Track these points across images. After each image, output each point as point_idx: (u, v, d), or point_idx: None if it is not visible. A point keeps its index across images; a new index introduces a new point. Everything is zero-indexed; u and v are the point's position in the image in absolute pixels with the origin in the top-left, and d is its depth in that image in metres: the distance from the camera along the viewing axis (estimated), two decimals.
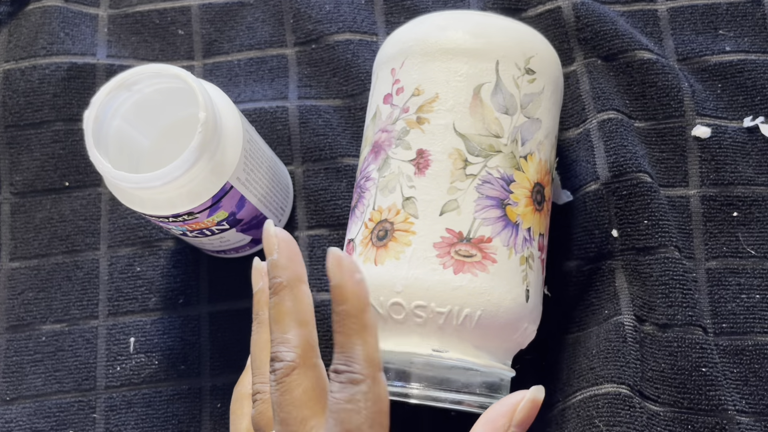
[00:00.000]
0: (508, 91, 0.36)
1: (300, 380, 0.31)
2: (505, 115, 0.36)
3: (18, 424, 0.43)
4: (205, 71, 0.50)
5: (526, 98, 0.37)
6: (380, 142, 0.37)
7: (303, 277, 0.34)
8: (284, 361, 0.32)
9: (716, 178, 0.44)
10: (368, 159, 0.38)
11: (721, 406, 0.39)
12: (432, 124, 0.36)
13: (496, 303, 0.34)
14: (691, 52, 0.47)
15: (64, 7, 0.50)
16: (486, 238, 0.34)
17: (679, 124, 0.45)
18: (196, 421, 0.43)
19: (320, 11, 0.50)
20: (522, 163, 0.36)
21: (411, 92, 0.37)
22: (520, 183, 0.36)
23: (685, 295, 0.41)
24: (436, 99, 0.36)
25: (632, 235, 0.42)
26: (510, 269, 0.35)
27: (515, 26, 0.38)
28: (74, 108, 0.48)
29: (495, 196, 0.35)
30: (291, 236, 0.34)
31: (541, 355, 0.42)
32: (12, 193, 0.47)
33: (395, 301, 0.34)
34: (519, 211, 0.35)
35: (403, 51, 0.38)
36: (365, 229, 0.36)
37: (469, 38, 0.36)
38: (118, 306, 0.45)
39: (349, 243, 0.37)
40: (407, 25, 0.39)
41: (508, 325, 0.35)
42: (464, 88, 0.36)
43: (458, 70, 0.36)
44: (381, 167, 0.36)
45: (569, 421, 0.39)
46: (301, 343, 0.32)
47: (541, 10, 0.49)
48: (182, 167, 0.35)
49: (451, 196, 0.35)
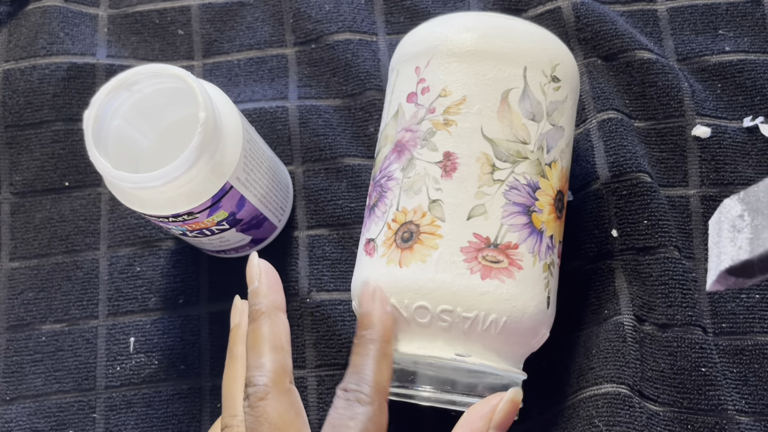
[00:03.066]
0: (535, 97, 0.36)
1: (274, 404, 0.32)
2: (531, 121, 0.36)
3: (18, 424, 0.43)
4: (205, 71, 0.50)
5: (552, 106, 0.36)
6: (404, 142, 0.37)
7: (281, 306, 0.35)
8: (257, 385, 0.32)
9: (716, 178, 0.44)
10: (390, 158, 0.37)
11: (721, 405, 0.39)
12: (459, 127, 0.35)
13: (521, 309, 0.34)
14: (690, 52, 0.47)
15: (64, 7, 0.50)
16: (513, 244, 0.34)
17: (679, 123, 0.45)
18: (196, 421, 0.43)
19: (320, 11, 0.50)
20: (547, 171, 0.36)
21: (437, 93, 0.36)
22: (544, 190, 0.36)
23: (685, 295, 0.41)
24: (464, 101, 0.35)
25: (632, 235, 0.42)
26: (534, 276, 0.35)
27: (542, 32, 0.38)
28: (74, 108, 0.48)
29: (522, 202, 0.35)
30: (273, 267, 0.36)
31: (541, 355, 0.42)
32: (12, 193, 0.47)
33: (421, 304, 0.34)
34: (543, 219, 0.35)
35: (428, 50, 0.37)
36: (388, 229, 0.36)
37: (498, 42, 0.36)
38: (118, 306, 0.45)
39: (368, 243, 0.37)
40: (431, 24, 0.39)
41: (530, 331, 0.35)
42: (492, 92, 0.35)
43: (486, 74, 0.36)
44: (405, 167, 0.36)
45: (569, 421, 0.39)
46: (275, 368, 0.33)
47: (541, 10, 0.49)
48: (182, 167, 0.35)
49: (478, 200, 0.34)
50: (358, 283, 0.37)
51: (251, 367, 0.33)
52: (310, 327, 0.44)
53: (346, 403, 0.32)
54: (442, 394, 0.34)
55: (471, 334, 0.34)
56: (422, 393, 0.34)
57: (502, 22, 0.37)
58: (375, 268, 0.36)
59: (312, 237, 0.45)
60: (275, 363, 0.33)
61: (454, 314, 0.34)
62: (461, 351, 0.34)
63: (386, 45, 0.49)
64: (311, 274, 0.45)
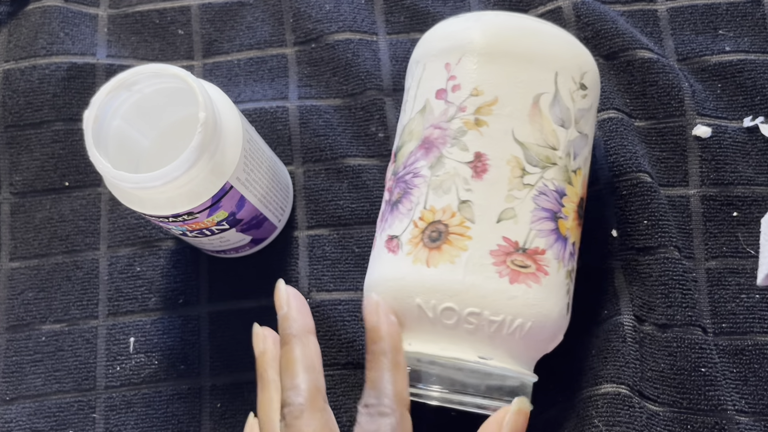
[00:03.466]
0: (564, 104, 0.36)
1: (309, 422, 0.33)
2: (561, 127, 0.35)
3: (18, 424, 0.43)
4: (205, 71, 0.50)
5: (579, 113, 0.36)
6: (433, 139, 0.36)
7: (311, 329, 0.37)
8: (293, 404, 0.33)
9: (716, 178, 0.44)
10: (416, 154, 0.36)
11: (721, 406, 0.39)
12: (491, 128, 0.35)
13: (546, 315, 0.34)
14: (691, 52, 0.47)
15: (64, 7, 0.50)
16: (540, 249, 0.34)
17: (679, 123, 0.45)
18: (195, 421, 0.43)
19: (320, 11, 0.50)
20: (573, 178, 0.36)
21: (469, 91, 0.36)
22: (570, 197, 0.36)
23: (685, 295, 0.41)
24: (496, 102, 0.35)
25: (632, 235, 0.42)
26: (558, 282, 0.35)
27: (572, 39, 0.37)
28: (74, 108, 0.48)
29: (549, 208, 0.35)
30: (299, 293, 0.38)
31: None
32: (12, 193, 0.47)
33: (448, 305, 0.34)
34: (569, 225, 0.35)
35: (459, 46, 0.36)
36: (414, 227, 0.35)
37: (531, 44, 0.36)
38: (118, 306, 0.45)
39: (391, 239, 0.36)
40: (459, 20, 0.38)
41: (551, 336, 0.36)
42: (524, 95, 0.35)
43: (519, 76, 0.35)
44: (433, 165, 0.35)
45: (569, 421, 0.39)
46: (309, 388, 0.34)
47: (542, 10, 0.49)
48: (182, 167, 0.35)
49: (508, 204, 0.34)
50: (386, 281, 0.36)
51: (286, 388, 0.34)
52: None
53: (369, 418, 0.33)
54: (452, 394, 0.34)
55: (496, 337, 0.34)
56: (431, 393, 0.34)
57: (534, 25, 0.37)
58: (400, 266, 0.35)
59: (312, 237, 0.45)
60: (309, 383, 0.34)
61: (481, 317, 0.33)
62: (485, 354, 0.34)
63: (386, 44, 0.49)
64: (311, 274, 0.45)
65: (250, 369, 0.43)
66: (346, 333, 0.43)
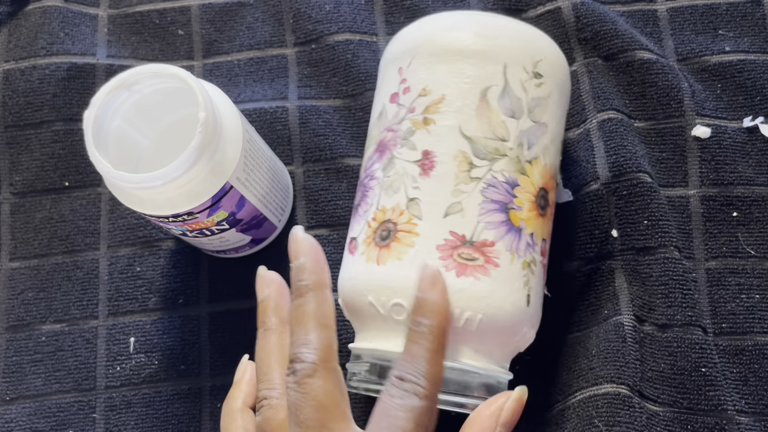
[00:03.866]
0: (515, 94, 0.36)
1: (322, 383, 0.31)
2: (511, 118, 0.35)
3: (18, 424, 0.43)
4: (205, 71, 0.50)
5: (533, 102, 0.36)
6: (386, 142, 0.37)
7: (328, 283, 0.34)
8: (305, 362, 0.31)
9: (716, 178, 0.44)
10: (373, 158, 0.37)
11: (721, 406, 0.39)
12: (438, 125, 0.35)
13: (497, 307, 0.34)
14: (690, 52, 0.47)
15: (64, 7, 0.50)
16: (489, 242, 0.34)
17: (679, 124, 0.45)
18: (195, 421, 0.43)
19: (320, 11, 0.50)
20: (527, 168, 0.36)
21: (418, 92, 0.36)
22: (524, 187, 0.36)
23: (685, 295, 0.41)
24: (443, 100, 0.35)
25: (632, 235, 0.42)
26: (512, 274, 0.35)
27: (524, 29, 0.38)
28: (74, 108, 0.48)
29: (499, 200, 0.35)
30: (317, 242, 0.35)
31: (540, 355, 0.42)
32: (12, 193, 0.47)
33: (397, 301, 0.34)
34: (522, 216, 0.35)
35: (410, 50, 0.37)
36: (368, 228, 0.36)
37: (477, 40, 0.36)
38: (118, 306, 0.45)
39: (351, 241, 0.37)
40: (415, 24, 0.39)
41: (509, 329, 0.35)
42: (471, 90, 0.35)
43: (465, 72, 0.36)
44: (386, 167, 0.36)
45: (569, 421, 0.39)
46: (323, 346, 0.32)
47: (541, 10, 0.49)
48: (182, 167, 0.35)
49: (455, 198, 0.34)
50: (343, 281, 0.37)
51: (298, 343, 0.32)
52: None
53: (403, 393, 0.31)
54: None
55: (448, 331, 0.34)
56: None
57: (483, 20, 0.37)
58: (355, 265, 0.36)
59: None
60: (323, 340, 0.32)
61: None
62: None
63: (386, 45, 0.49)
64: None
65: None
66: (347, 333, 0.43)
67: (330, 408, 0.31)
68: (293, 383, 0.31)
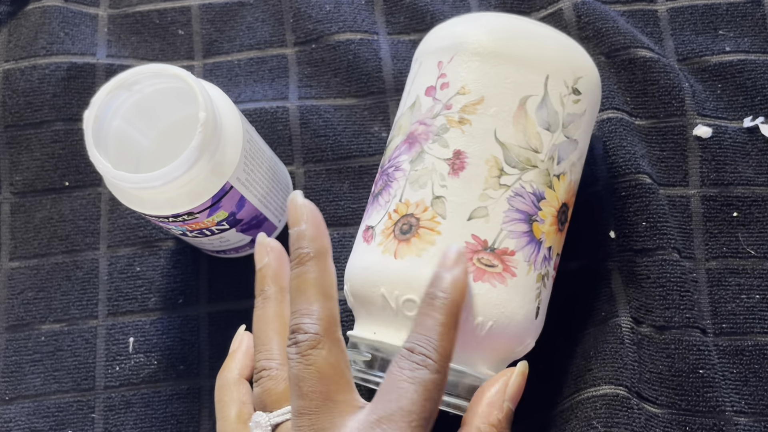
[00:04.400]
0: (553, 107, 0.36)
1: (325, 354, 0.30)
2: (546, 131, 0.35)
3: (17, 424, 0.43)
4: (205, 71, 0.50)
5: (569, 118, 0.36)
6: (416, 134, 0.36)
7: (329, 251, 0.33)
8: (309, 333, 0.31)
9: (716, 178, 0.44)
10: (400, 148, 0.37)
11: (719, 407, 0.39)
12: (473, 127, 0.35)
13: (508, 316, 0.34)
14: (691, 53, 0.47)
15: (64, 6, 0.50)
16: (510, 250, 0.34)
17: (680, 123, 0.45)
18: (195, 421, 0.43)
19: (320, 11, 0.50)
20: (554, 182, 0.36)
21: (456, 90, 0.36)
22: (549, 201, 0.36)
23: (683, 297, 0.40)
24: (481, 102, 0.35)
25: (630, 236, 0.42)
26: (527, 285, 0.35)
27: (569, 43, 0.37)
28: (74, 108, 0.48)
29: (524, 210, 0.35)
30: (317, 209, 0.34)
31: (538, 357, 0.42)
32: (12, 193, 0.47)
33: (410, 297, 0.34)
34: (544, 229, 0.35)
35: (453, 46, 0.37)
36: (388, 219, 0.35)
37: (523, 46, 0.36)
38: (118, 306, 0.45)
39: (368, 230, 0.37)
40: (459, 20, 0.38)
41: (515, 339, 0.35)
42: (510, 96, 0.35)
43: (508, 77, 0.35)
44: (414, 160, 0.36)
45: (567, 423, 0.39)
46: (326, 316, 0.31)
47: (543, 14, 0.49)
48: (182, 167, 0.35)
49: (481, 202, 0.34)
50: (355, 269, 0.36)
51: (300, 313, 0.31)
52: None
53: (413, 364, 0.30)
54: None
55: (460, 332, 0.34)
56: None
57: (530, 27, 0.37)
58: (370, 255, 0.35)
59: None
60: (326, 311, 0.31)
61: None
62: None
63: (387, 45, 0.49)
64: None
65: None
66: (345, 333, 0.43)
67: (335, 379, 0.30)
68: (296, 354, 0.30)
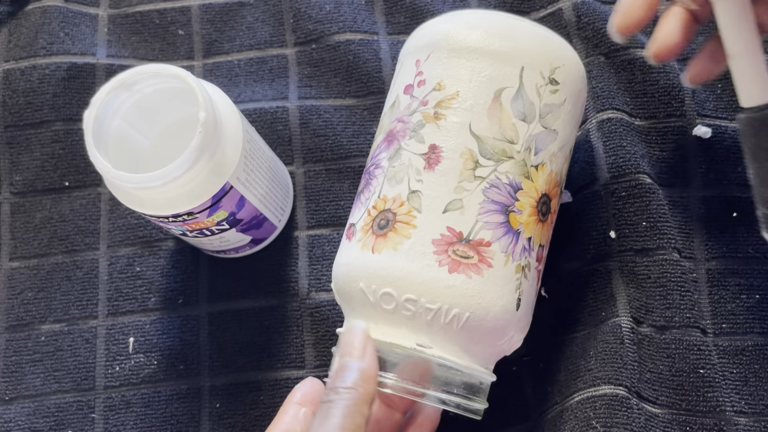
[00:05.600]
0: (528, 98, 0.36)
1: None
2: (522, 122, 0.35)
3: (17, 424, 0.43)
4: (205, 71, 0.50)
5: (546, 108, 0.36)
6: (395, 132, 0.37)
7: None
8: None
9: (716, 178, 0.44)
10: (381, 146, 0.37)
11: (719, 407, 0.39)
12: (448, 121, 0.35)
13: (485, 307, 0.34)
14: (691, 52, 0.47)
15: (64, 7, 0.50)
16: (485, 241, 0.34)
17: (680, 123, 0.45)
18: (195, 421, 0.43)
19: (320, 11, 0.50)
20: (532, 172, 0.36)
21: (432, 86, 0.36)
22: (527, 192, 0.36)
23: (683, 297, 0.40)
24: (456, 96, 0.35)
25: (630, 236, 0.42)
26: (504, 276, 0.35)
27: (545, 34, 0.37)
28: (74, 108, 0.48)
29: (500, 201, 0.35)
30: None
31: (538, 357, 0.42)
32: (12, 193, 0.47)
33: (387, 291, 0.34)
34: (522, 220, 0.35)
35: (430, 44, 0.37)
36: (368, 216, 0.36)
37: (497, 40, 0.36)
38: (118, 306, 0.45)
39: (350, 227, 0.37)
40: (438, 19, 0.39)
41: (495, 331, 0.35)
42: (485, 90, 0.35)
43: (482, 71, 0.36)
44: (392, 157, 0.36)
45: (567, 423, 0.39)
46: None
47: (543, 13, 0.49)
48: (182, 167, 0.35)
49: (457, 195, 0.34)
50: (338, 267, 0.37)
51: None
52: (309, 327, 0.44)
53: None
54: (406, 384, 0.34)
55: (433, 325, 0.34)
56: (385, 380, 0.34)
57: (505, 21, 0.37)
58: (351, 251, 0.36)
59: (312, 237, 0.45)
60: None
61: (417, 304, 0.34)
62: (423, 342, 0.34)
63: (387, 45, 0.49)
64: (311, 274, 0.45)
65: (249, 369, 0.43)
66: None
67: None
68: None
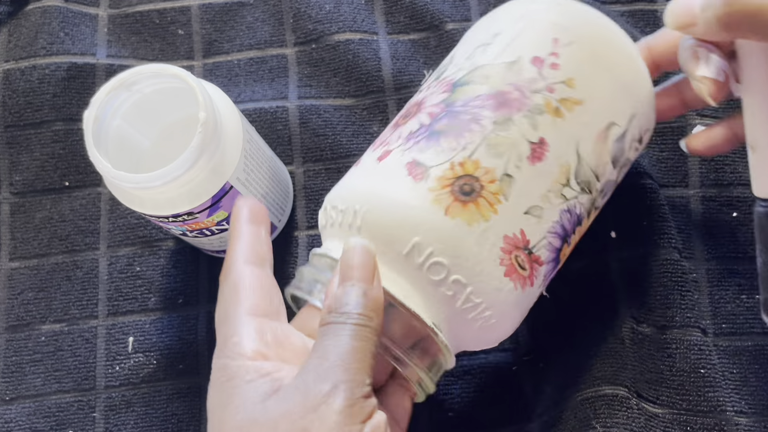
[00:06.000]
0: (625, 145, 0.36)
1: None
2: (611, 164, 0.35)
3: (18, 424, 0.43)
4: (205, 71, 0.50)
5: (626, 162, 0.36)
6: (510, 98, 0.34)
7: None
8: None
9: (716, 178, 0.44)
10: (484, 100, 0.34)
11: (720, 407, 0.39)
12: (566, 122, 0.34)
13: (509, 322, 0.34)
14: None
15: (64, 7, 0.50)
16: (540, 260, 0.34)
17: (679, 123, 0.45)
18: (195, 420, 0.43)
19: (320, 11, 0.50)
20: (592, 214, 0.36)
21: (563, 77, 0.34)
22: (582, 228, 0.36)
23: (684, 296, 0.40)
24: (581, 104, 0.34)
25: (631, 236, 0.42)
26: (531, 298, 0.35)
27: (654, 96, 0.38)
28: (74, 108, 0.48)
29: (567, 229, 0.34)
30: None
31: (538, 357, 0.42)
32: (12, 193, 0.47)
33: (441, 262, 0.32)
34: (566, 252, 0.35)
35: (579, 35, 0.35)
36: (450, 169, 0.32)
37: (636, 78, 0.36)
38: (118, 306, 0.45)
39: (417, 165, 0.33)
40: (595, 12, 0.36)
41: (494, 341, 0.35)
42: (603, 116, 0.35)
43: (611, 95, 0.35)
44: (498, 122, 0.33)
45: (567, 423, 0.39)
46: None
47: None
48: (182, 167, 0.35)
49: (541, 202, 0.33)
50: (383, 192, 0.33)
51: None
52: None
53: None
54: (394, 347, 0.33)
55: (461, 315, 0.33)
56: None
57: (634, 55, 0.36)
58: (415, 195, 0.32)
59: (312, 237, 0.45)
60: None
61: (463, 291, 0.32)
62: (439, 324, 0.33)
63: (387, 44, 0.49)
64: None
65: None
66: None
67: None
68: None
